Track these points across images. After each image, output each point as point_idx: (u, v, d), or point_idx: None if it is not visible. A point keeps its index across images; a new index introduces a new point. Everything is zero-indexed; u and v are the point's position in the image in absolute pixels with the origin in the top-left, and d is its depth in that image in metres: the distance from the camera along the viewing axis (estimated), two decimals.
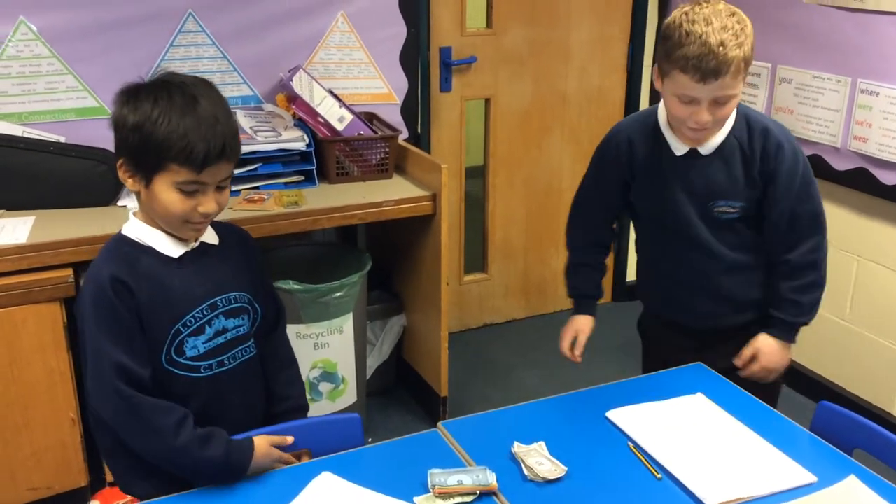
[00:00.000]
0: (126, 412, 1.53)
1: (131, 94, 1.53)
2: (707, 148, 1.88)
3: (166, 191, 1.53)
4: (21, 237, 2.26)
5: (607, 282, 4.04)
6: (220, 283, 1.66)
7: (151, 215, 1.59)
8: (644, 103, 3.80)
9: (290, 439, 1.65)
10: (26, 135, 2.60)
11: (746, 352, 1.97)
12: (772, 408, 1.82)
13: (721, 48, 1.68)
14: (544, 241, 3.86)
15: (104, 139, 2.67)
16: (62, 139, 2.67)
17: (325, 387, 2.79)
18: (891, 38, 2.73)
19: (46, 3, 2.59)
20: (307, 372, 2.75)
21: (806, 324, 1.97)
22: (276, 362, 1.83)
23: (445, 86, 3.39)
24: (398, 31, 3.14)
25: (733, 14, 1.74)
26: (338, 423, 1.76)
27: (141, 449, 1.57)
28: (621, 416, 1.72)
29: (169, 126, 1.48)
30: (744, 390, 1.85)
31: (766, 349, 1.96)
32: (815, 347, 3.25)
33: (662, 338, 2.18)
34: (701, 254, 1.96)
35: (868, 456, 1.65)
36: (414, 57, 3.20)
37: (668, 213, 1.96)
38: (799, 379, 3.31)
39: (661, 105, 1.90)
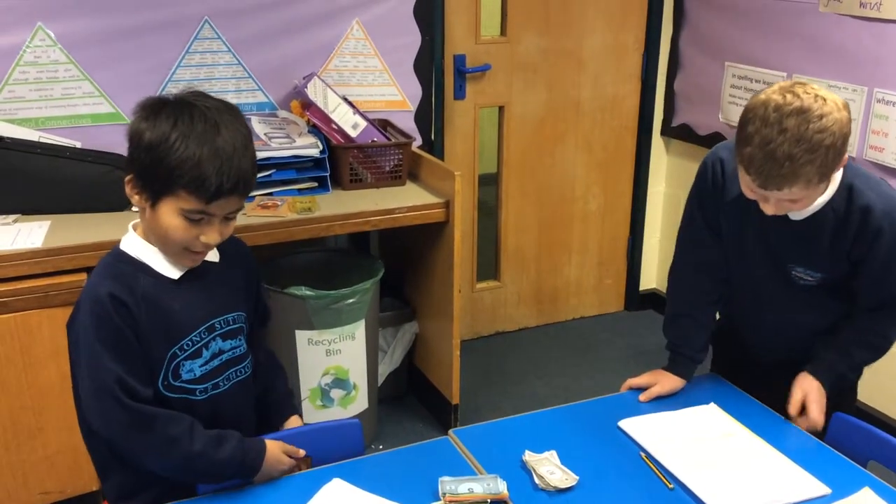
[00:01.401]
0: (136, 427, 1.49)
1: (152, 110, 1.47)
2: (798, 215, 1.69)
3: (171, 216, 1.47)
4: (37, 241, 2.28)
5: (617, 289, 4.04)
6: (218, 305, 1.61)
7: (152, 236, 1.54)
8: (659, 112, 3.79)
9: (302, 452, 1.64)
10: (42, 140, 2.62)
11: (796, 395, 1.77)
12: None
13: (788, 163, 1.49)
14: (557, 249, 3.86)
15: (119, 145, 2.67)
16: (78, 144, 2.68)
17: (336, 393, 2.80)
18: None
19: (64, 10, 2.61)
20: (319, 378, 2.75)
21: (846, 381, 1.85)
22: (260, 364, 1.78)
23: (459, 93, 3.40)
24: (413, 39, 3.15)
25: (822, 117, 1.49)
26: (338, 428, 1.75)
27: (152, 462, 1.54)
28: (633, 426, 1.71)
29: (185, 152, 1.41)
30: (758, 401, 1.84)
31: (809, 389, 1.78)
32: None
33: (727, 357, 2.05)
34: (775, 312, 1.83)
35: (883, 468, 1.64)
36: (428, 64, 3.21)
37: (741, 260, 1.82)
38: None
39: None
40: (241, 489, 1.55)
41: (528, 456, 1.59)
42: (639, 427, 1.71)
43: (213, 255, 1.62)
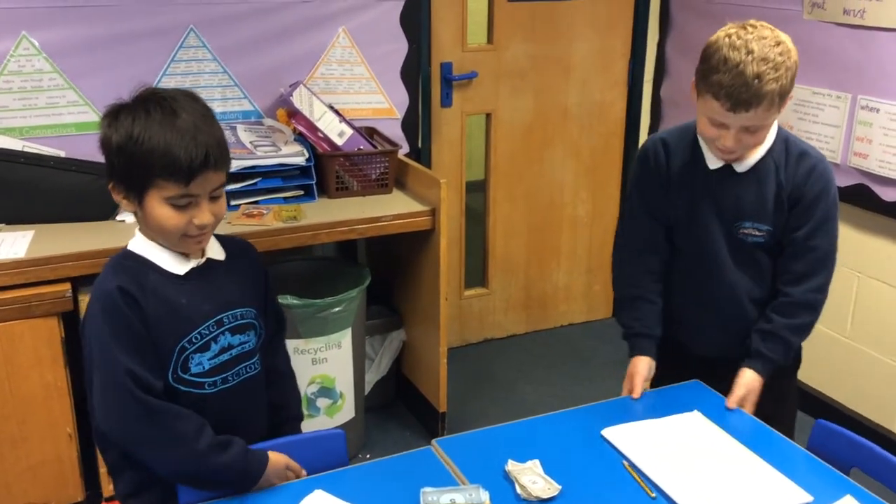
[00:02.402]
0: (145, 420, 1.51)
1: (112, 116, 1.52)
2: (742, 166, 1.85)
3: (158, 207, 1.52)
4: (20, 251, 2.27)
5: (606, 295, 4.05)
6: (226, 300, 1.65)
7: (150, 233, 1.59)
8: (645, 118, 3.80)
9: (305, 473, 1.65)
10: (26, 149, 2.61)
11: (739, 392, 1.84)
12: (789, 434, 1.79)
13: (756, 81, 1.64)
14: (545, 255, 3.86)
15: None
16: (62, 153, 2.68)
17: (323, 402, 2.79)
18: (891, 55, 2.73)
19: (49, 19, 2.61)
20: (305, 387, 2.74)
21: (783, 366, 1.91)
22: (274, 373, 1.83)
23: (446, 101, 3.40)
24: (399, 47, 3.15)
25: (778, 44, 1.68)
26: (322, 439, 1.75)
27: (157, 458, 1.55)
28: (617, 434, 1.71)
29: (150, 143, 1.47)
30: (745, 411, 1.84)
31: (753, 386, 1.85)
32: (815, 364, 3.22)
33: (667, 361, 2.07)
34: (719, 279, 1.91)
35: (865, 476, 1.64)
36: (415, 72, 3.21)
37: (693, 229, 1.92)
38: (799, 395, 3.29)
39: None
40: (224, 498, 1.54)
41: (511, 465, 1.58)
42: (622, 435, 1.71)
43: (218, 254, 1.68)
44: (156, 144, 1.47)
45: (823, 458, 1.66)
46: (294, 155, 2.72)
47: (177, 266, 1.60)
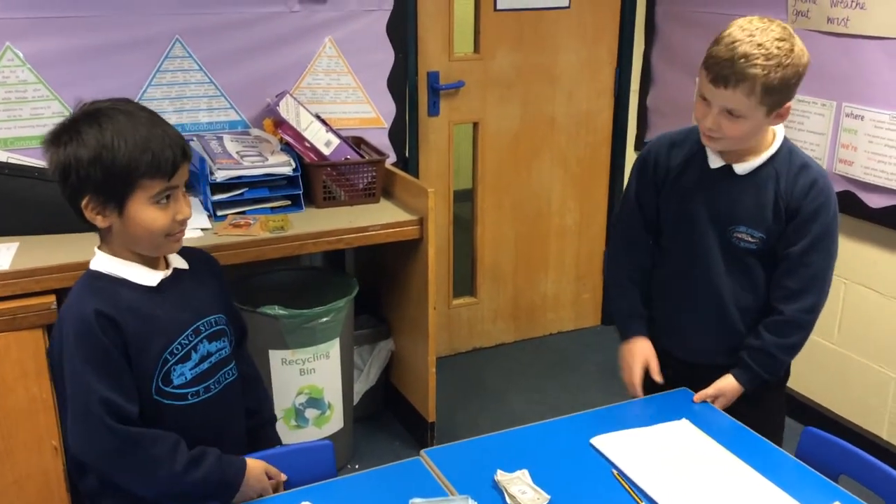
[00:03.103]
0: (121, 449, 1.50)
1: (67, 135, 1.49)
2: (742, 168, 1.84)
3: (143, 210, 1.51)
4: (4, 264, 2.25)
5: (595, 303, 4.05)
6: (199, 308, 1.66)
7: (127, 244, 1.56)
8: (632, 127, 3.81)
9: (283, 476, 1.65)
10: (11, 161, 2.60)
11: (710, 391, 1.88)
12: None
13: (743, 60, 1.66)
14: (533, 264, 3.86)
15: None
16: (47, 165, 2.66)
17: (311, 413, 2.77)
18: (875, 63, 2.75)
19: (33, 30, 2.60)
20: (293, 398, 2.73)
21: (769, 381, 1.92)
22: (244, 378, 1.82)
23: (433, 110, 3.40)
24: (386, 57, 3.15)
25: (784, 40, 1.68)
26: (310, 450, 1.75)
27: (138, 483, 1.54)
28: (606, 443, 1.71)
29: (128, 146, 1.47)
30: (737, 420, 1.84)
31: (730, 394, 1.89)
32: (803, 370, 3.23)
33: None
34: (706, 282, 1.91)
35: (854, 482, 1.64)
36: (402, 82, 3.21)
37: (685, 228, 1.92)
38: (787, 402, 3.29)
39: None
40: (225, 501, 1.54)
41: (500, 475, 1.58)
42: (611, 444, 1.70)
43: (182, 263, 1.67)
44: (134, 145, 1.47)
45: (812, 466, 1.66)
46: (281, 165, 2.72)
47: (148, 278, 1.58)
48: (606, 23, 3.66)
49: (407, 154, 3.31)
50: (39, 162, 2.66)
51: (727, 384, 1.89)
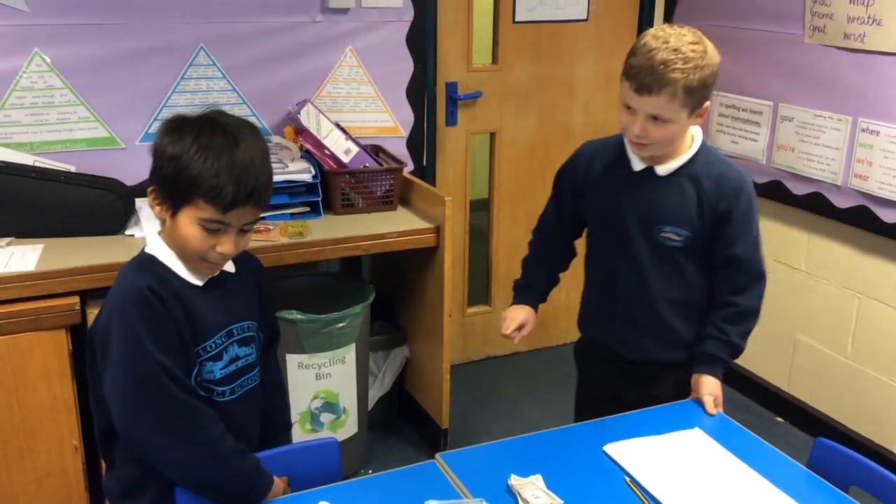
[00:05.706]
0: (174, 416, 1.51)
1: (176, 126, 1.55)
2: (664, 169, 1.90)
3: (189, 225, 1.53)
4: (30, 265, 2.30)
5: None
6: (235, 312, 1.68)
7: (172, 245, 1.60)
8: None
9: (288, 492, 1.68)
10: (37, 164, 2.65)
11: (709, 400, 1.91)
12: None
13: (662, 67, 1.72)
14: None
15: (114, 169, 2.74)
16: (72, 169, 2.71)
17: (326, 417, 2.80)
18: (891, 78, 2.76)
19: (61, 36, 2.65)
20: (309, 402, 2.76)
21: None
22: (267, 384, 1.84)
23: (451, 120, 3.44)
24: (405, 67, 3.19)
25: (697, 43, 1.76)
26: (315, 448, 1.77)
27: (177, 456, 1.54)
28: (618, 451, 1.73)
29: (204, 164, 1.49)
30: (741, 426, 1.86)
31: (717, 392, 1.93)
32: (815, 384, 3.24)
33: (595, 367, 2.19)
34: (639, 283, 1.97)
35: (864, 494, 1.66)
36: (420, 91, 3.25)
37: (613, 229, 1.98)
38: (799, 415, 3.30)
39: None
40: None
41: (514, 480, 1.60)
42: (624, 451, 1.72)
43: (229, 266, 1.69)
44: (209, 167, 1.49)
45: (823, 476, 1.68)
46: (301, 172, 2.76)
47: (193, 277, 1.61)
48: (624, 35, 3.69)
49: (424, 163, 3.35)
50: (66, 165, 2.72)
51: (712, 385, 1.93)
